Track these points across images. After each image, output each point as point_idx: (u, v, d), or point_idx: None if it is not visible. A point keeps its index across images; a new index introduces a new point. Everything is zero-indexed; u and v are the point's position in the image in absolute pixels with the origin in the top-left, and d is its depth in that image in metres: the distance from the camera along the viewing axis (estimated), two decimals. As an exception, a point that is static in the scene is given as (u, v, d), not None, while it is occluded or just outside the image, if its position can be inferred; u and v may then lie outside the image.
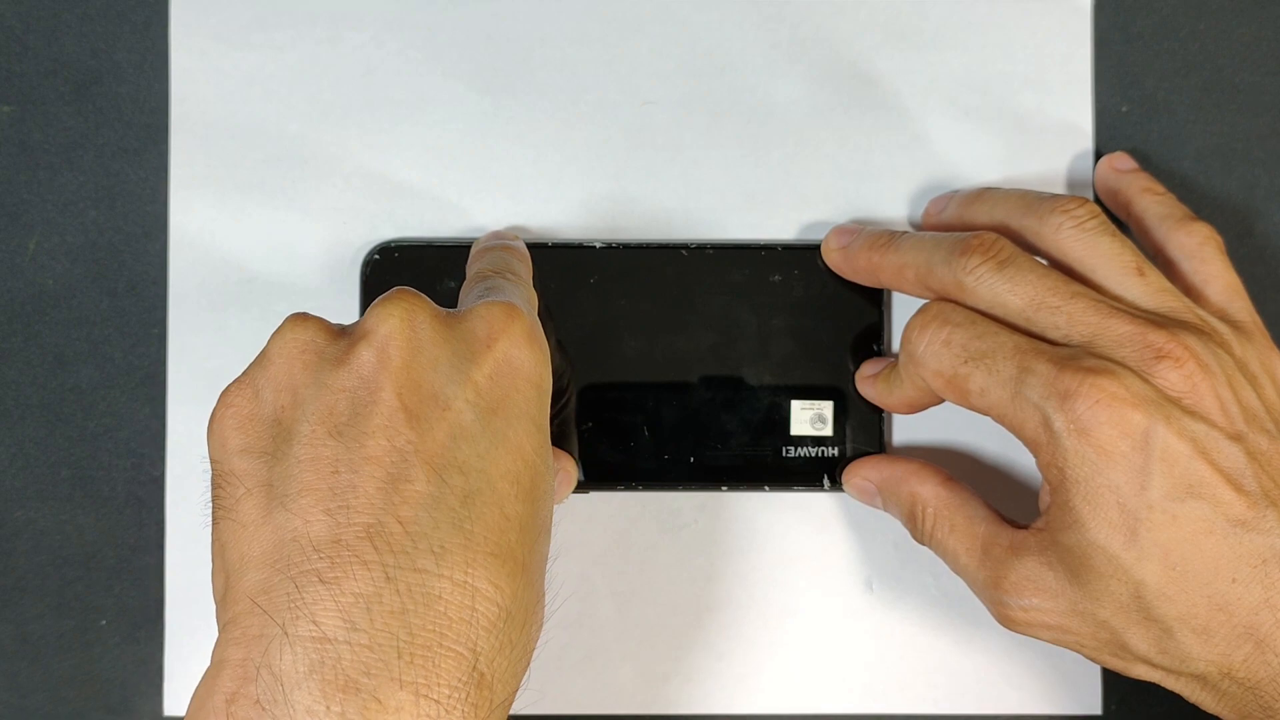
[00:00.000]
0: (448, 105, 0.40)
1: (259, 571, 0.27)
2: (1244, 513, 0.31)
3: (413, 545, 0.27)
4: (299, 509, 0.27)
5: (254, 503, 0.28)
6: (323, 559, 0.26)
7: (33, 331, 0.40)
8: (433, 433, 0.28)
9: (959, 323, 0.34)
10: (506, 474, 0.29)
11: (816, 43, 0.40)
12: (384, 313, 0.30)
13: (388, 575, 0.26)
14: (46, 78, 0.40)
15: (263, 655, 0.26)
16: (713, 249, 0.39)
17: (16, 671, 0.40)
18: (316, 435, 0.28)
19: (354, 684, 0.25)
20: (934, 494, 0.36)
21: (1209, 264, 0.36)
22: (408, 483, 0.28)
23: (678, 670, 0.40)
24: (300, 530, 0.27)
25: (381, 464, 0.28)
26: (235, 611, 0.27)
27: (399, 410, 0.28)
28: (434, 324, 0.30)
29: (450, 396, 0.29)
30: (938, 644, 0.40)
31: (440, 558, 0.27)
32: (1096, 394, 0.31)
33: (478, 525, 0.28)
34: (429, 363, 0.29)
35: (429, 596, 0.26)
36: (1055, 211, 0.35)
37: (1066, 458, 0.32)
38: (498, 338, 0.30)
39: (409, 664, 0.26)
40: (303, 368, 0.30)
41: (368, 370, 0.29)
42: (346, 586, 0.26)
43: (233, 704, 0.26)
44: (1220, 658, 0.31)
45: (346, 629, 0.26)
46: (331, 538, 0.27)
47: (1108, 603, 0.32)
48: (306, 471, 0.28)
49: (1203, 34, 0.41)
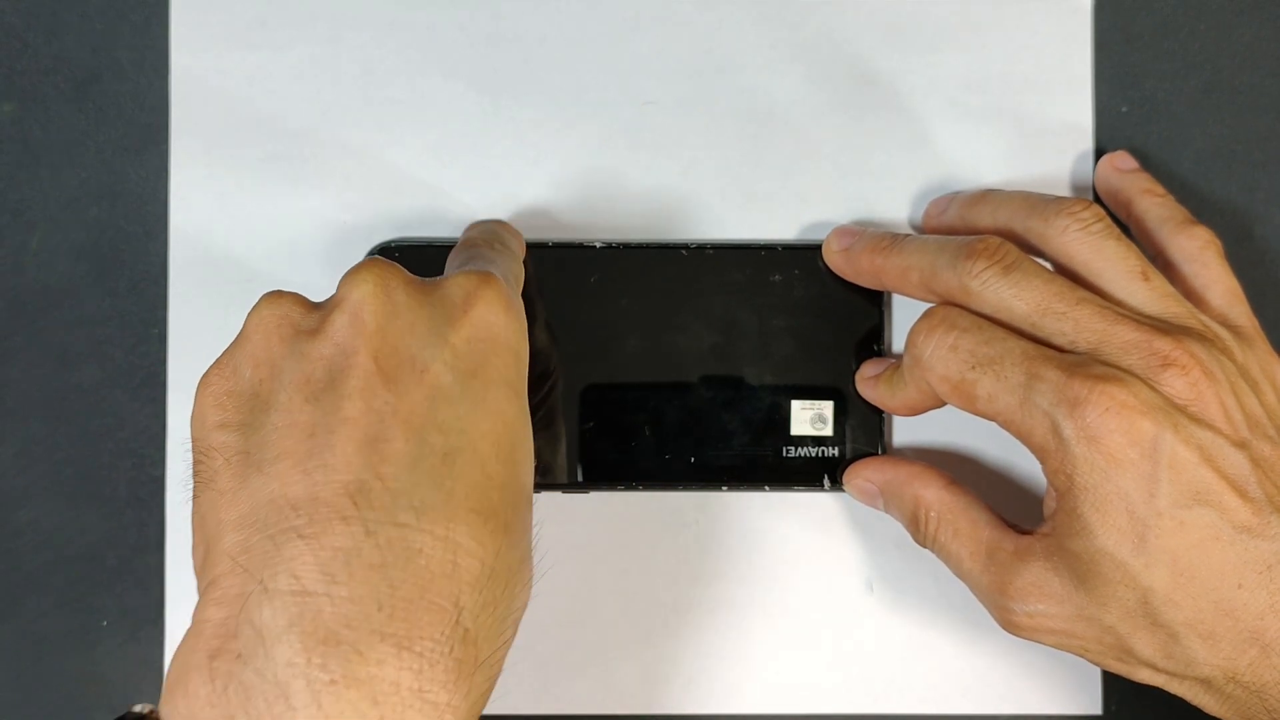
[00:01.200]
0: (448, 105, 0.40)
1: (237, 533, 0.27)
2: (1249, 519, 0.31)
3: (392, 501, 0.27)
4: (276, 472, 0.27)
5: (231, 471, 0.28)
6: (300, 516, 0.26)
7: (34, 330, 0.40)
8: (411, 394, 0.28)
9: (966, 328, 0.34)
10: (486, 435, 0.29)
11: (816, 43, 0.40)
12: (357, 279, 0.30)
13: (367, 530, 0.26)
14: (47, 76, 0.40)
15: (242, 611, 0.26)
16: (713, 249, 0.39)
17: (19, 671, 0.40)
18: (293, 402, 0.28)
19: (334, 636, 0.25)
20: (937, 497, 0.36)
21: (1209, 268, 0.36)
22: (386, 442, 0.27)
23: (678, 670, 0.40)
24: (278, 491, 0.27)
25: (359, 425, 0.28)
26: (215, 573, 0.27)
27: (375, 373, 0.28)
28: (408, 289, 0.30)
29: (428, 359, 0.29)
30: (938, 644, 0.40)
31: (420, 513, 0.27)
32: (1106, 401, 0.31)
33: (459, 483, 0.28)
34: (405, 326, 0.29)
35: (410, 551, 0.26)
36: (1061, 214, 0.35)
37: (1075, 464, 0.31)
38: (474, 303, 0.30)
39: (390, 617, 0.25)
40: (279, 340, 0.30)
41: (342, 336, 0.29)
42: (326, 541, 0.26)
43: (215, 659, 0.25)
44: (1225, 662, 0.31)
45: (326, 581, 0.26)
46: (309, 496, 0.27)
47: (1114, 608, 0.32)
48: (284, 437, 0.28)
49: (1203, 34, 0.41)
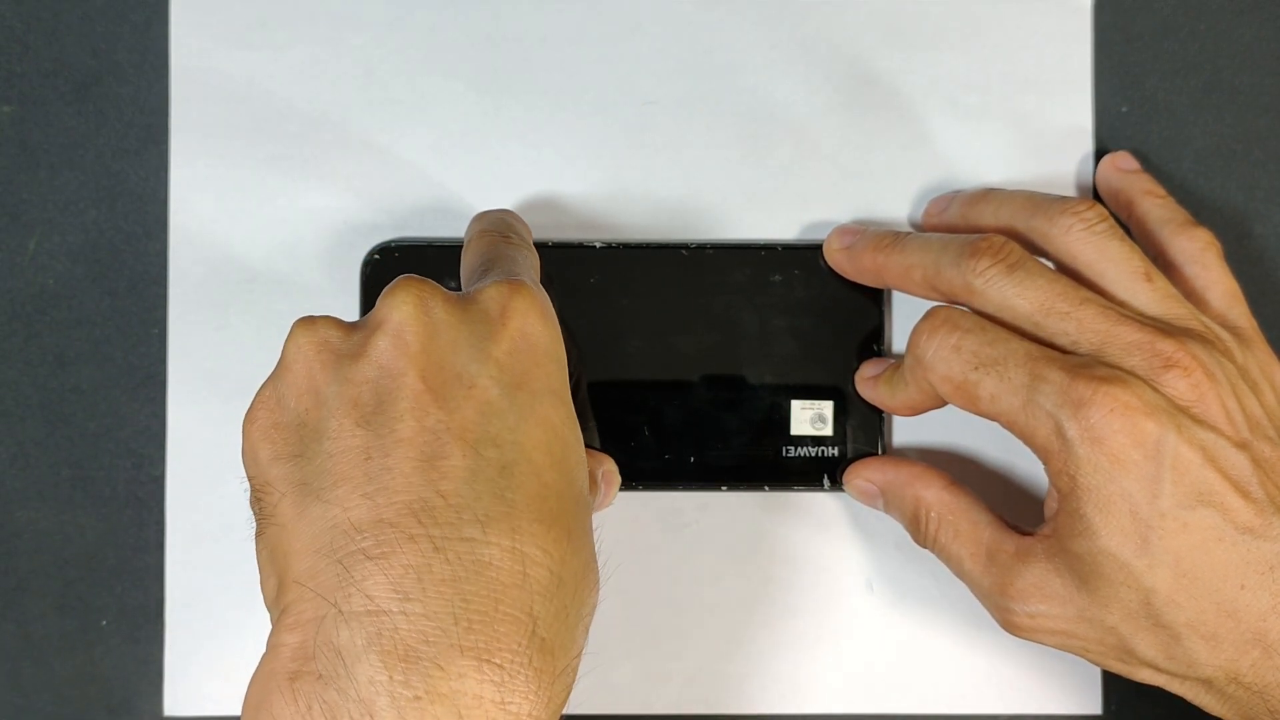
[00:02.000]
0: (448, 105, 0.40)
1: (305, 560, 0.27)
2: (1252, 520, 0.31)
3: (457, 516, 0.27)
4: (335, 498, 0.27)
5: (290, 502, 0.28)
6: (367, 538, 0.27)
7: (33, 331, 0.40)
8: (461, 410, 0.28)
9: (969, 328, 0.34)
10: (539, 444, 0.29)
11: (816, 43, 0.40)
12: (395, 300, 0.30)
13: (435, 546, 0.26)
14: (47, 78, 0.40)
15: (319, 633, 0.26)
16: (713, 249, 0.39)
17: (18, 671, 0.40)
18: (344, 428, 0.28)
19: (414, 652, 0.25)
20: (938, 498, 0.36)
21: (1210, 270, 0.37)
22: (444, 459, 0.28)
23: (678, 670, 0.40)
24: (340, 517, 0.27)
25: (414, 445, 0.28)
26: (287, 601, 0.27)
27: (424, 392, 0.29)
28: (447, 306, 0.30)
29: (474, 375, 0.29)
30: (938, 644, 0.40)
31: (486, 526, 0.27)
32: (1110, 403, 0.31)
33: (519, 494, 0.28)
34: (448, 344, 0.29)
35: (479, 564, 0.26)
36: (1065, 213, 0.35)
37: (1079, 465, 0.31)
38: (512, 315, 0.30)
39: (467, 630, 0.26)
40: (321, 367, 0.30)
41: (387, 358, 0.29)
42: (395, 560, 0.26)
43: (296, 681, 0.26)
44: (1227, 663, 0.31)
45: (400, 599, 0.26)
46: (373, 519, 0.27)
47: (1116, 609, 0.32)
48: (339, 463, 0.28)
49: (1203, 34, 0.41)
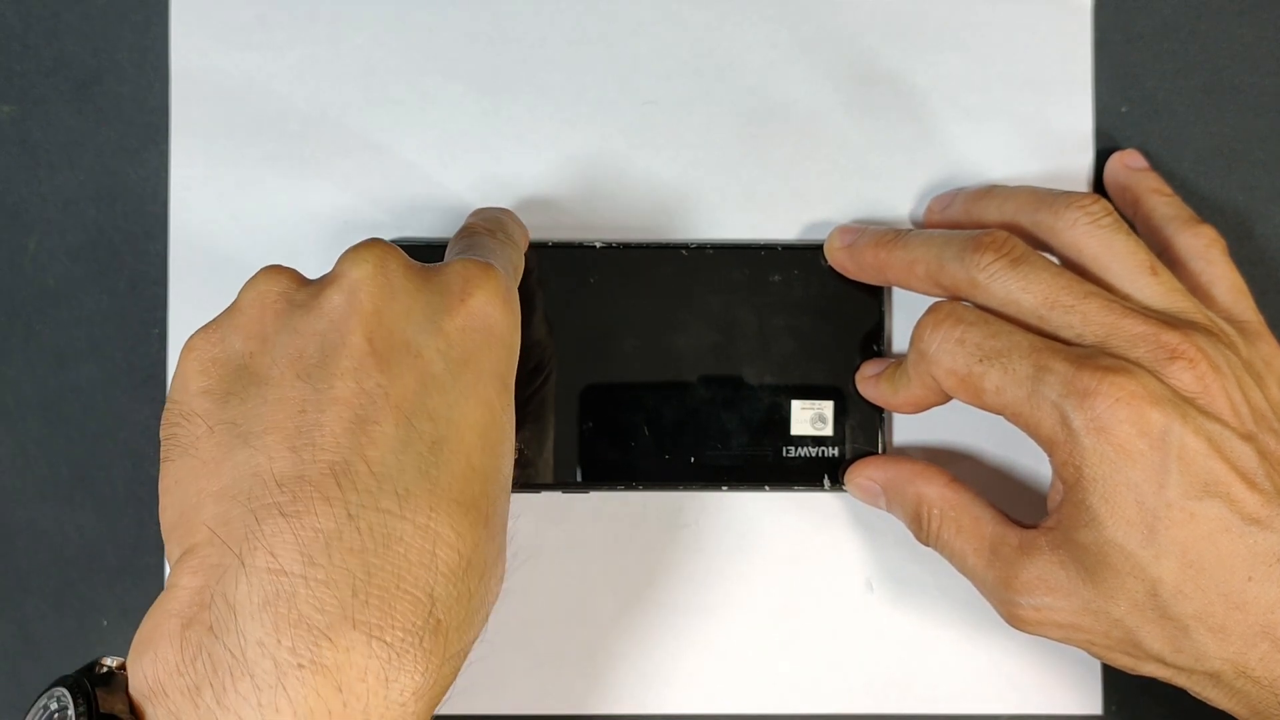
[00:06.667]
0: (448, 105, 0.40)
1: (218, 504, 0.27)
2: (1259, 510, 0.31)
3: (378, 485, 0.27)
4: (262, 445, 0.27)
5: (215, 440, 0.28)
6: (285, 493, 0.26)
7: (33, 331, 0.40)
8: (403, 378, 0.28)
9: (973, 321, 0.34)
10: (474, 425, 0.29)
11: (816, 43, 0.40)
12: (356, 258, 0.30)
13: (350, 513, 0.26)
14: (47, 77, 0.40)
15: (218, 583, 0.26)
16: (713, 249, 0.39)
17: (18, 670, 0.40)
18: (285, 378, 0.28)
19: (306, 620, 0.25)
20: (940, 494, 0.36)
21: (1215, 265, 0.37)
22: (375, 425, 0.27)
23: (678, 670, 0.40)
24: (263, 465, 0.27)
25: (350, 405, 0.28)
26: (193, 541, 0.27)
27: (369, 354, 0.28)
28: (407, 273, 0.30)
29: (421, 345, 0.29)
30: (938, 644, 0.40)
31: (404, 500, 0.27)
32: (1116, 392, 0.31)
33: (444, 472, 0.27)
34: (401, 310, 0.29)
35: (390, 537, 0.26)
36: (1071, 207, 0.35)
37: (1085, 456, 0.32)
38: (472, 293, 0.30)
39: (364, 604, 0.25)
40: (274, 315, 0.30)
41: (338, 314, 0.29)
42: (307, 522, 0.26)
43: (187, 628, 0.25)
44: (1236, 656, 0.31)
45: (304, 563, 0.25)
46: (295, 474, 0.27)
47: (1122, 600, 0.32)
48: (274, 411, 0.28)
49: (1203, 34, 0.41)
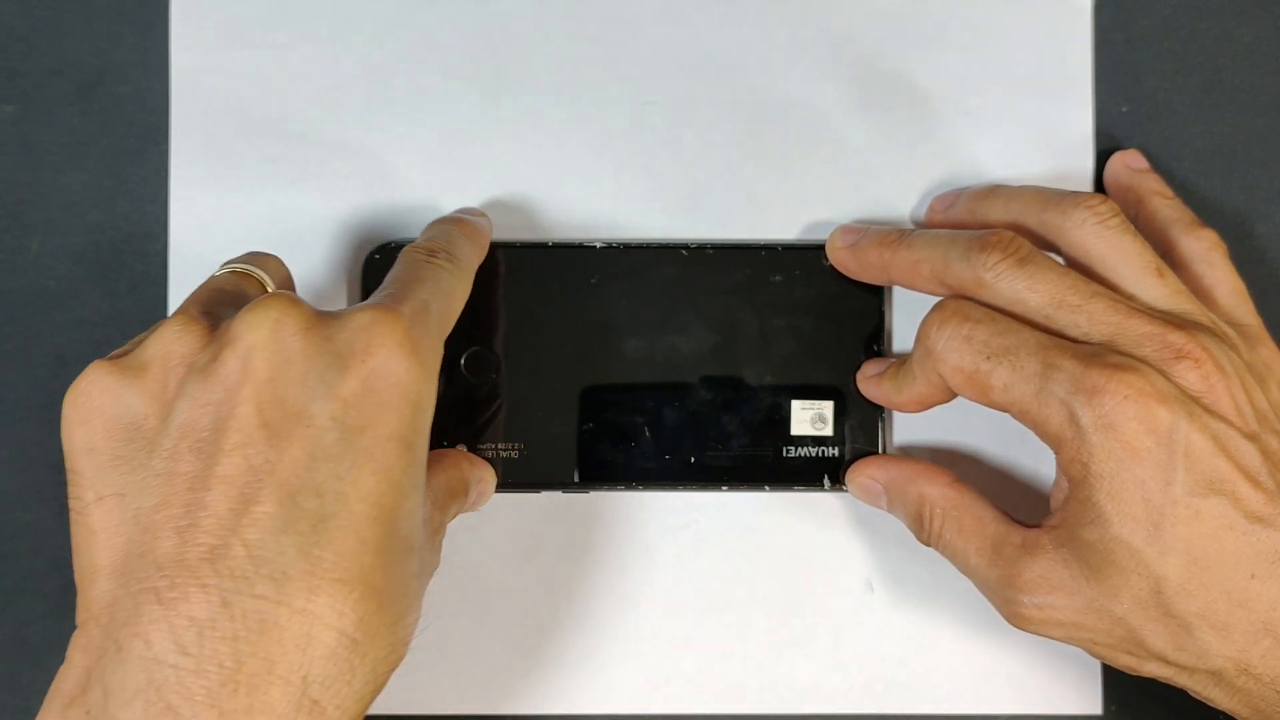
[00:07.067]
0: (448, 105, 0.40)
1: (105, 583, 0.27)
2: (1262, 508, 0.31)
3: (254, 570, 0.26)
4: (150, 524, 0.27)
5: (104, 511, 0.28)
6: (164, 578, 0.26)
7: (34, 332, 0.40)
8: (291, 451, 0.28)
9: (980, 319, 0.34)
10: (366, 496, 0.28)
11: (817, 43, 0.40)
12: (252, 320, 0.29)
13: (225, 600, 0.26)
14: (48, 78, 0.41)
15: (99, 666, 0.26)
16: (713, 249, 0.39)
17: (16, 674, 0.40)
18: (177, 450, 0.28)
19: (173, 709, 0.25)
20: (942, 494, 0.36)
21: (1216, 269, 0.37)
22: (258, 505, 0.27)
23: (678, 670, 0.40)
24: (148, 546, 0.27)
25: (235, 484, 0.27)
26: (86, 616, 0.28)
27: (258, 426, 0.28)
28: (303, 333, 0.29)
29: (314, 412, 0.28)
30: (938, 644, 0.40)
31: (281, 584, 0.26)
32: (1124, 389, 0.31)
33: (327, 551, 0.27)
34: (296, 376, 0.28)
35: (264, 624, 0.26)
36: (1079, 207, 0.36)
37: (1092, 453, 0.32)
38: (374, 351, 0.29)
39: (232, 693, 0.25)
40: (175, 380, 0.29)
41: (231, 382, 0.28)
42: (182, 609, 0.26)
43: (68, 708, 0.26)
44: (1238, 654, 0.31)
45: (176, 652, 0.26)
46: (176, 557, 0.26)
47: (1126, 598, 0.32)
48: (163, 486, 0.28)
49: (1203, 34, 0.41)
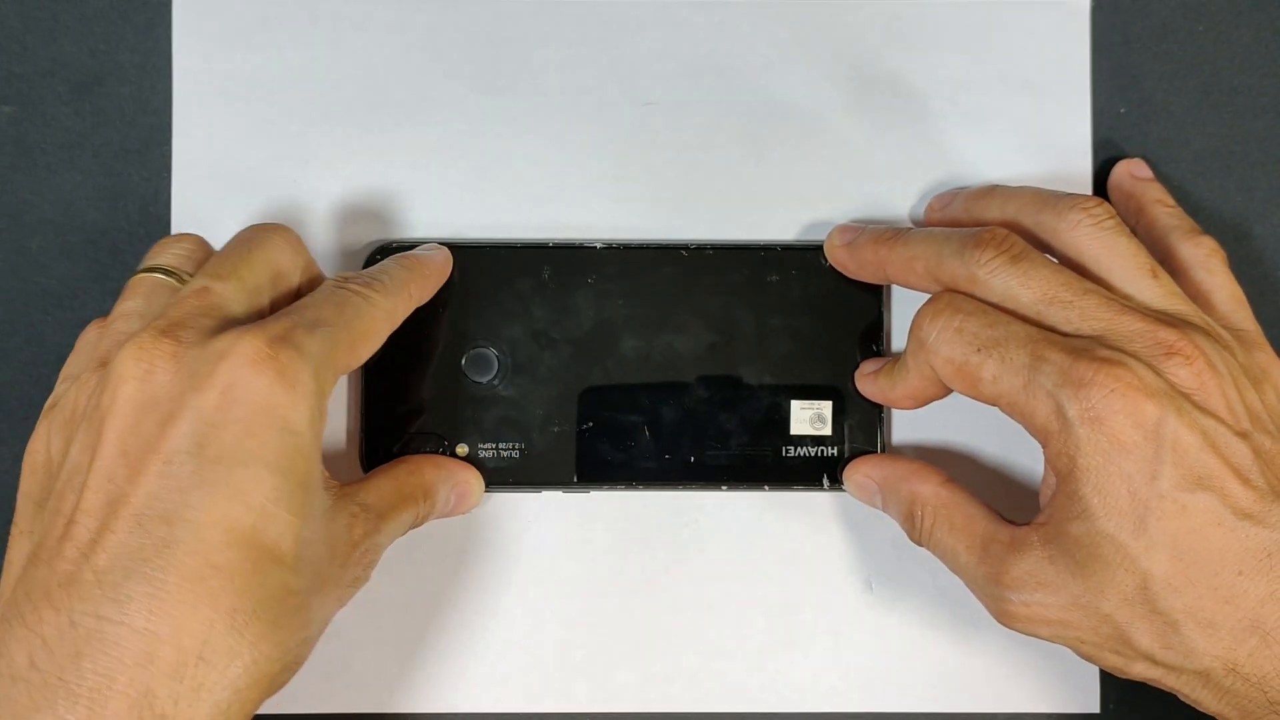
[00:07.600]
0: (448, 105, 0.40)
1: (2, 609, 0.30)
2: (1251, 506, 0.31)
3: (100, 594, 0.28)
4: (35, 557, 0.30)
5: (16, 548, 0.32)
6: (29, 602, 0.29)
7: (34, 332, 0.40)
8: (145, 482, 0.29)
9: (971, 311, 0.34)
10: (219, 522, 0.29)
11: (817, 43, 0.40)
12: (122, 356, 0.31)
13: (72, 621, 0.28)
14: (48, 78, 0.41)
15: None
16: (713, 249, 0.39)
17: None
18: (62, 491, 0.31)
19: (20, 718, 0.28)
20: (933, 493, 0.36)
21: (1215, 274, 0.37)
22: (111, 534, 0.29)
23: (678, 670, 0.40)
24: (28, 575, 0.30)
25: (96, 515, 0.30)
26: None
27: (119, 458, 0.30)
28: (175, 369, 0.30)
29: (171, 442, 0.30)
30: (937, 643, 0.40)
31: (123, 605, 0.28)
32: (1112, 383, 0.31)
33: (171, 575, 0.29)
34: (156, 407, 0.30)
35: (104, 642, 0.28)
36: (1074, 208, 0.36)
37: (1079, 446, 0.32)
38: (237, 381, 0.30)
39: (73, 704, 0.28)
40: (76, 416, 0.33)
41: (99, 419, 0.31)
42: (38, 629, 0.28)
43: None
44: (1226, 652, 0.31)
45: (28, 668, 0.28)
46: (41, 584, 0.29)
47: (1112, 595, 0.32)
48: (49, 521, 0.30)
49: (1201, 36, 0.41)
